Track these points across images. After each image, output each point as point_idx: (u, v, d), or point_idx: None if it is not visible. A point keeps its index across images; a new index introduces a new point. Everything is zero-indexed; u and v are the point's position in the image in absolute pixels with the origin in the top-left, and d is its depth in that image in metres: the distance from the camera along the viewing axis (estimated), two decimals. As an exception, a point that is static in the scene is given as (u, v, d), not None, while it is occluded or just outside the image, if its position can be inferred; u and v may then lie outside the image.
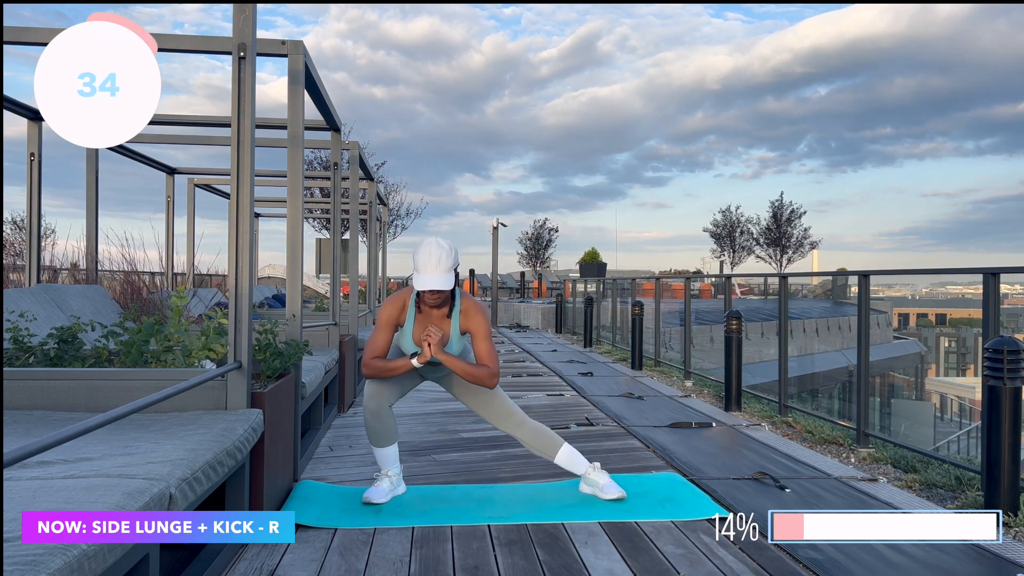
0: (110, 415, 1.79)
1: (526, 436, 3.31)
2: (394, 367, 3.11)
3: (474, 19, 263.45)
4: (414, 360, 3.09)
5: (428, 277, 3.02)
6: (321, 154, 22.02)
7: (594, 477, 3.32)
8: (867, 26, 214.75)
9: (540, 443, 3.32)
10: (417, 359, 3.09)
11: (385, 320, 3.16)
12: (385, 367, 3.12)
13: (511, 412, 3.30)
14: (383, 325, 3.16)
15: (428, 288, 3.02)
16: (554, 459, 3.33)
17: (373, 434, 3.26)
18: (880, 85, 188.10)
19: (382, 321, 3.16)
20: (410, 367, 3.11)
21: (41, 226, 5.20)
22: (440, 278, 3.02)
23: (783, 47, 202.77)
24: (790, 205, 35.61)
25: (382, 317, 3.17)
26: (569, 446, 3.36)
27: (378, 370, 3.12)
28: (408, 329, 3.18)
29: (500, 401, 3.30)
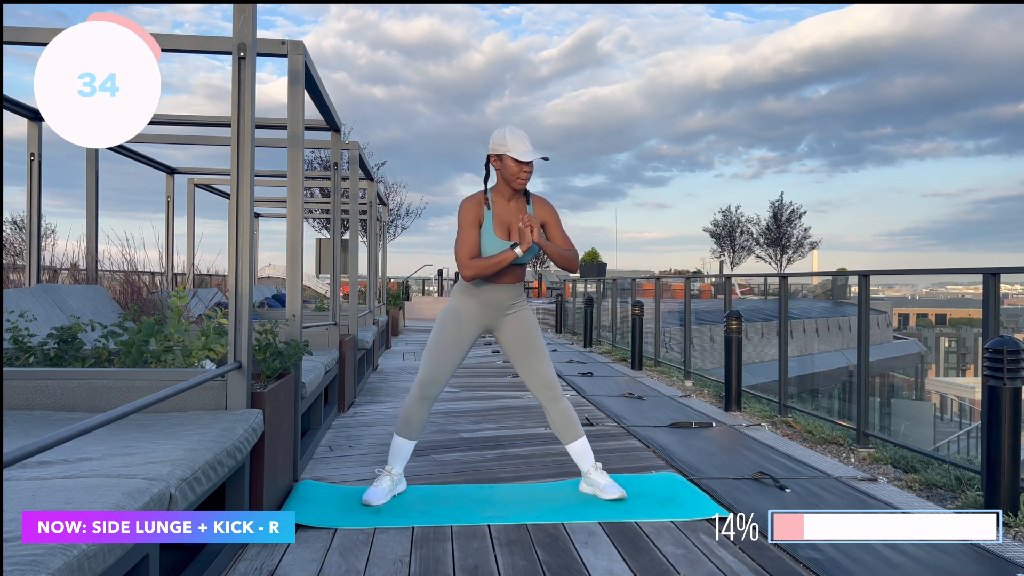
0: (110, 415, 1.79)
1: (556, 413, 3.34)
2: (497, 260, 3.10)
3: (474, 19, 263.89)
4: (517, 249, 3.09)
5: (527, 150, 3.09)
6: (321, 154, 22.03)
7: (594, 477, 3.32)
8: (868, 26, 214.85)
9: (565, 426, 3.35)
10: (520, 247, 3.09)
11: (470, 219, 3.16)
12: (488, 263, 3.11)
13: (553, 384, 3.34)
14: (468, 224, 3.15)
15: (536, 157, 3.09)
16: (570, 445, 3.36)
17: (406, 423, 3.29)
18: (881, 85, 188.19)
19: (467, 221, 3.16)
20: (514, 257, 3.10)
21: (41, 226, 5.20)
22: (534, 151, 3.10)
23: (784, 47, 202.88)
24: (790, 205, 35.68)
25: (466, 217, 3.16)
26: (586, 440, 3.38)
27: (482, 267, 3.11)
28: (488, 226, 3.18)
29: (547, 368, 3.35)
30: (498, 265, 3.11)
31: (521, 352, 3.34)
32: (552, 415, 3.35)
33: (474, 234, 3.16)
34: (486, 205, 3.19)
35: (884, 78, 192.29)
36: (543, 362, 3.34)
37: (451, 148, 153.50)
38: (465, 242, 3.14)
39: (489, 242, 3.17)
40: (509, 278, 3.24)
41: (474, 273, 3.12)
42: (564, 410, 3.35)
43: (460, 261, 3.14)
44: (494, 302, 3.28)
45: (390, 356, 10.08)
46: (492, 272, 3.13)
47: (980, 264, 3.95)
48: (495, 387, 7.04)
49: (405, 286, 24.96)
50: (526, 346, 3.33)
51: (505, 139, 3.11)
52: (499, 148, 3.13)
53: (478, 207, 3.19)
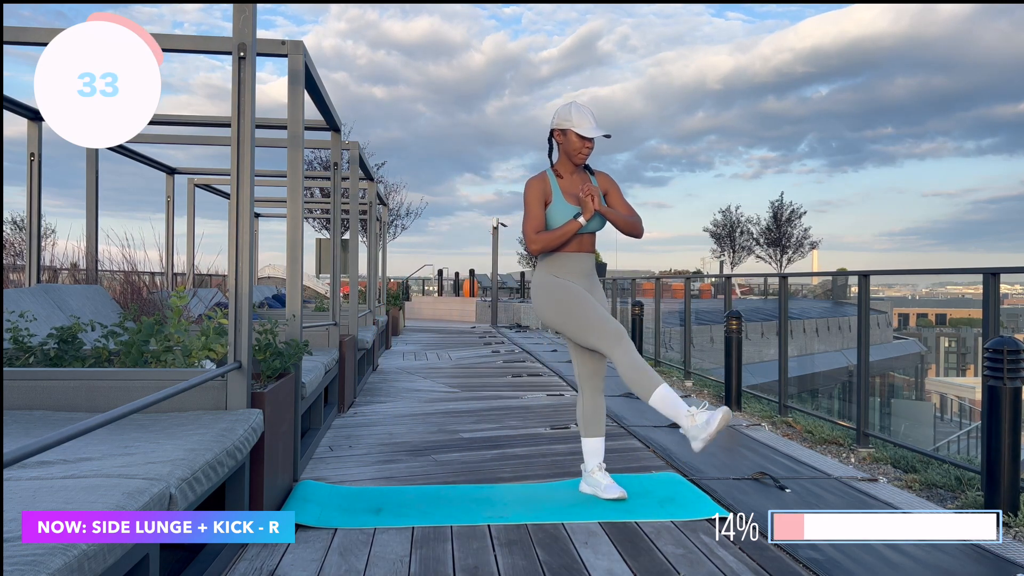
0: (110, 415, 1.79)
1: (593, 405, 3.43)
2: (562, 232, 3.17)
3: (475, 19, 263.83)
4: (580, 218, 3.16)
5: (591, 126, 3.17)
6: (321, 154, 22.01)
7: (597, 476, 3.33)
8: (868, 25, 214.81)
9: (594, 419, 3.41)
10: (583, 216, 3.16)
11: (536, 195, 3.22)
12: (553, 235, 3.17)
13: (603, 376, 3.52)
14: (535, 200, 3.22)
15: (601, 134, 3.16)
16: (590, 439, 3.39)
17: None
18: (881, 85, 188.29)
19: (534, 197, 3.22)
20: (578, 227, 3.17)
21: (41, 226, 5.19)
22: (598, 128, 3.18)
23: (784, 47, 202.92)
24: (790, 205, 35.65)
25: (532, 195, 3.22)
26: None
27: (549, 240, 3.17)
28: (558, 200, 3.23)
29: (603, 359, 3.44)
30: (564, 235, 3.18)
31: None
32: (588, 405, 3.42)
33: (540, 210, 3.22)
34: (553, 180, 3.27)
35: (885, 78, 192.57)
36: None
37: (451, 148, 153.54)
38: (532, 218, 3.21)
39: (561, 211, 3.23)
40: (586, 245, 3.30)
41: (541, 246, 3.19)
42: (601, 403, 3.45)
43: (527, 236, 3.21)
44: (580, 269, 3.31)
45: (390, 356, 10.08)
46: (559, 242, 3.19)
47: (980, 264, 3.95)
48: (495, 387, 7.04)
49: (405, 286, 24.95)
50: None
51: (571, 114, 3.19)
52: (564, 123, 3.21)
53: (543, 183, 3.26)
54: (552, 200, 3.24)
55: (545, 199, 3.24)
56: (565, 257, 3.26)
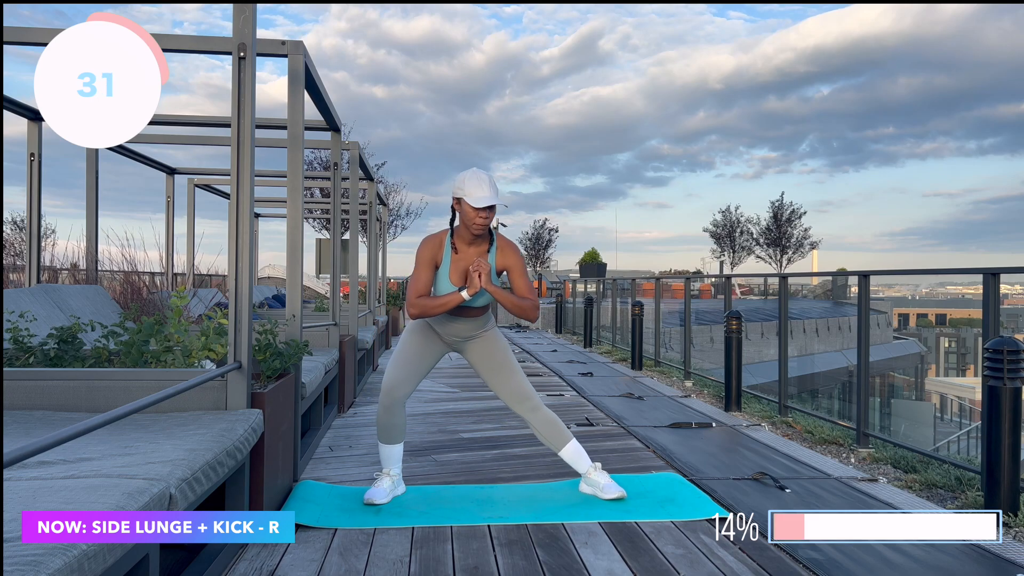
0: (110, 415, 1.79)
1: (538, 423, 3.34)
2: (443, 303, 3.11)
3: (475, 18, 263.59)
4: (464, 293, 3.10)
5: (484, 195, 3.05)
6: (321, 154, 22.03)
7: (595, 477, 3.32)
8: (871, 25, 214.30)
9: (550, 433, 3.35)
10: (467, 291, 3.09)
11: (425, 259, 3.17)
12: (433, 304, 3.11)
13: (528, 395, 3.33)
14: (423, 264, 3.17)
15: (488, 204, 3.04)
16: (560, 452, 3.36)
17: (383, 430, 3.28)
18: (883, 84, 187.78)
19: (423, 260, 3.17)
20: (460, 300, 3.10)
21: (41, 226, 5.20)
22: (494, 196, 3.08)
23: (786, 46, 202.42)
24: (790, 205, 35.65)
25: (422, 256, 3.17)
26: (576, 442, 3.38)
27: (426, 307, 3.12)
28: (445, 268, 3.18)
29: (519, 381, 3.33)
30: (443, 307, 3.12)
31: (491, 372, 3.34)
32: (536, 426, 3.35)
33: (426, 274, 3.17)
34: (448, 247, 3.19)
35: (887, 77, 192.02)
36: (515, 376, 3.33)
37: (452, 148, 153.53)
38: (416, 281, 3.17)
39: (443, 284, 3.19)
40: (466, 314, 3.26)
41: (418, 312, 3.14)
42: (546, 418, 3.35)
43: (408, 299, 3.17)
44: (453, 333, 3.31)
45: (390, 356, 10.07)
46: (437, 313, 3.14)
47: (980, 264, 3.95)
48: (495, 387, 7.03)
49: (405, 286, 24.94)
50: (495, 365, 3.33)
51: (464, 183, 3.08)
52: (458, 192, 3.10)
53: (436, 248, 3.19)
54: (440, 267, 3.19)
55: (435, 263, 3.18)
56: (446, 320, 3.26)
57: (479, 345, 3.34)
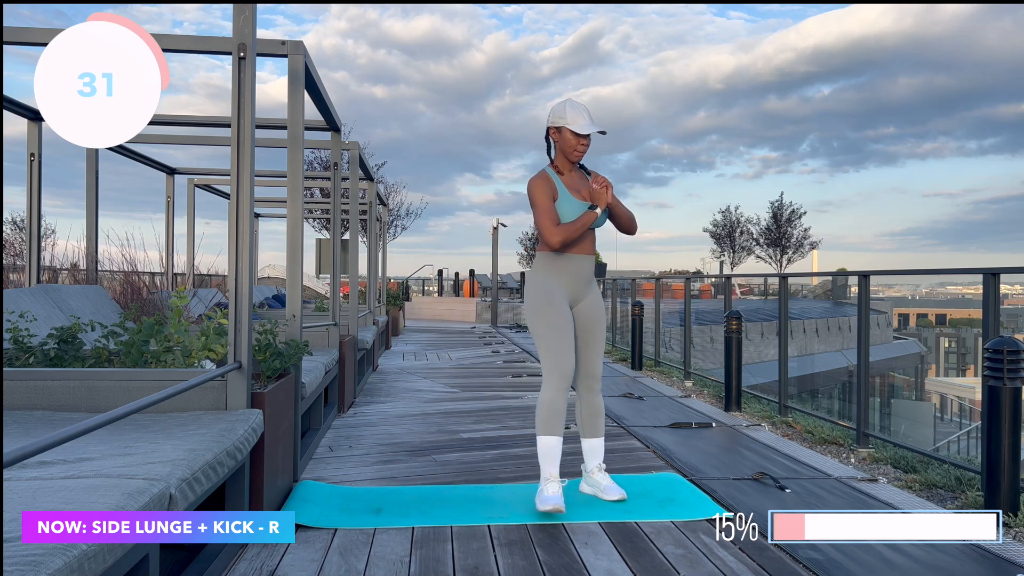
0: (110, 415, 1.79)
1: (590, 405, 3.37)
2: (580, 223, 3.17)
3: (475, 18, 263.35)
4: (597, 210, 3.19)
5: (587, 123, 3.17)
6: (321, 154, 22.02)
7: (597, 477, 3.33)
8: (871, 24, 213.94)
9: (593, 419, 3.37)
10: (598, 208, 3.19)
11: (545, 192, 3.22)
12: (573, 226, 3.17)
13: (598, 376, 3.39)
14: (546, 197, 3.21)
15: (596, 130, 3.16)
16: (589, 440, 3.38)
17: (554, 417, 3.18)
18: (884, 84, 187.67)
19: (543, 194, 3.21)
20: (595, 217, 3.19)
21: (41, 226, 5.20)
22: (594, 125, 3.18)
23: (786, 46, 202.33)
24: (790, 205, 35.67)
25: (541, 191, 3.21)
26: (603, 439, 3.42)
27: (568, 231, 3.16)
28: (564, 196, 3.23)
29: (599, 358, 3.39)
30: (583, 226, 3.18)
31: (587, 334, 3.35)
32: (585, 406, 3.37)
33: (551, 204, 3.22)
34: (555, 178, 3.26)
35: (887, 77, 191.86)
36: (599, 351, 3.38)
37: (452, 148, 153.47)
38: (546, 212, 3.19)
39: (569, 205, 3.22)
40: (588, 246, 3.30)
41: (562, 237, 3.16)
42: (598, 404, 3.38)
43: (546, 229, 3.17)
44: (580, 272, 3.30)
45: (390, 356, 10.08)
46: (579, 233, 3.19)
47: (980, 264, 3.95)
48: (495, 387, 7.04)
49: (405, 286, 24.95)
50: (594, 329, 3.36)
51: (565, 112, 3.18)
52: (559, 120, 3.20)
53: (547, 180, 3.25)
54: (559, 196, 3.23)
55: (552, 195, 3.23)
56: (566, 259, 3.25)
57: (594, 298, 3.37)
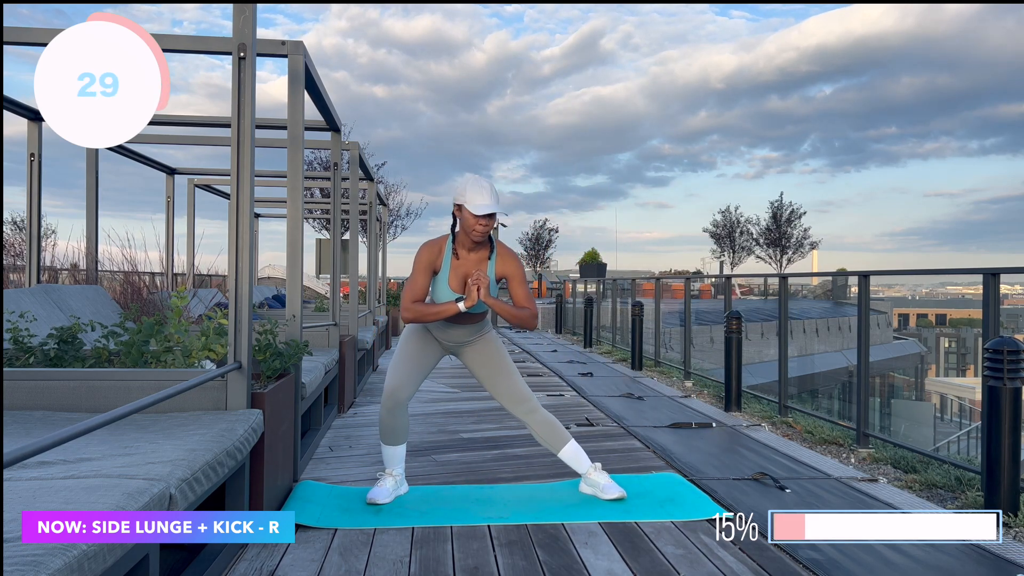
0: (110, 415, 1.79)
1: (536, 425, 3.33)
2: (438, 311, 3.09)
3: (476, 17, 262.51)
4: (460, 304, 3.07)
5: (484, 203, 3.01)
6: (321, 154, 22.03)
7: (595, 477, 3.32)
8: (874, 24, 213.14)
9: (548, 434, 3.34)
10: (464, 303, 3.07)
11: (423, 264, 3.14)
12: (428, 311, 3.09)
13: (526, 397, 3.32)
14: (421, 269, 3.14)
15: (489, 212, 3.00)
16: (559, 453, 3.35)
17: (387, 431, 3.26)
18: (886, 84, 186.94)
19: (420, 265, 3.14)
20: (455, 311, 3.08)
21: (41, 226, 5.20)
22: (495, 205, 3.03)
23: (788, 45, 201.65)
24: (790, 206, 35.70)
25: (420, 261, 3.14)
26: (575, 442, 3.38)
27: (421, 313, 3.09)
28: (444, 274, 3.16)
29: (517, 384, 3.33)
30: (438, 315, 3.10)
31: (488, 375, 3.34)
32: (534, 428, 3.34)
33: (424, 279, 3.14)
34: (448, 253, 3.16)
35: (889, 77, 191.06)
36: (512, 379, 3.33)
37: (452, 148, 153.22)
38: (412, 285, 3.13)
39: (442, 290, 3.16)
40: (464, 320, 3.24)
41: (412, 317, 3.11)
42: (544, 420, 3.34)
43: (403, 303, 3.14)
44: (450, 339, 3.31)
45: (390, 356, 10.07)
46: (431, 320, 3.13)
47: (981, 264, 3.95)
48: (495, 387, 7.03)
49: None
50: (492, 368, 3.33)
51: (465, 189, 3.06)
52: (459, 198, 3.07)
53: (436, 254, 3.16)
54: (439, 273, 3.16)
55: (433, 268, 3.16)
56: (442, 325, 3.25)
57: (475, 349, 3.34)
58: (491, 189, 3.07)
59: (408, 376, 3.25)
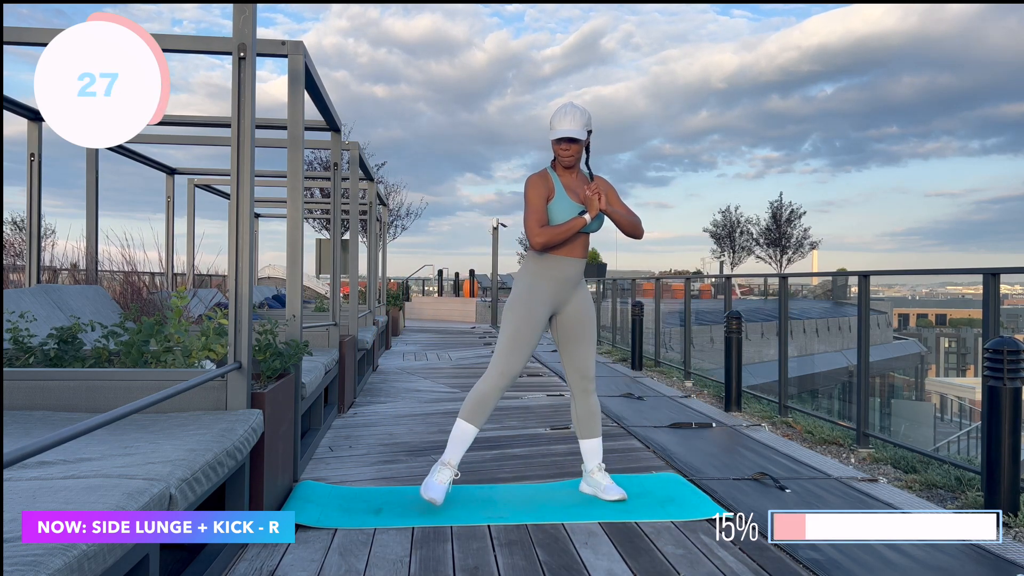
0: (110, 415, 1.79)
1: (586, 406, 3.36)
2: (567, 227, 3.15)
3: (477, 16, 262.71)
4: (586, 216, 3.15)
5: (564, 128, 3.13)
6: (321, 154, 22.02)
7: (597, 477, 3.33)
8: (875, 23, 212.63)
9: (589, 420, 3.36)
10: (588, 214, 3.14)
11: (538, 193, 3.19)
12: (558, 230, 3.14)
13: (592, 376, 3.36)
14: (538, 197, 3.19)
15: (564, 136, 3.12)
16: (584, 440, 3.37)
17: (480, 407, 3.18)
18: (887, 83, 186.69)
19: (536, 193, 3.19)
20: (583, 223, 3.15)
21: (41, 226, 5.20)
22: (575, 130, 3.13)
23: (790, 45, 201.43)
24: (789, 205, 35.70)
25: (534, 190, 3.19)
26: (601, 440, 3.40)
27: (554, 233, 3.13)
28: (559, 199, 3.20)
29: (591, 357, 3.36)
30: (568, 231, 3.15)
31: (576, 335, 3.33)
32: (580, 407, 3.36)
33: (542, 204, 3.19)
34: (555, 177, 3.24)
35: (891, 76, 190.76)
36: (590, 351, 3.36)
37: (452, 147, 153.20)
38: (535, 211, 3.17)
39: (564, 207, 3.20)
40: (578, 250, 3.27)
41: (545, 240, 3.14)
42: (593, 405, 3.37)
43: (530, 229, 3.16)
44: (566, 276, 3.27)
45: (390, 356, 10.08)
46: (562, 239, 3.16)
47: (981, 264, 3.95)
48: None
49: (405, 286, 24.94)
50: (583, 330, 3.34)
51: (552, 119, 3.19)
52: (550, 127, 3.20)
53: (545, 179, 3.23)
54: (554, 197, 3.21)
55: (548, 195, 3.21)
56: (555, 260, 3.23)
57: (581, 300, 3.34)
58: (574, 115, 3.15)
59: (526, 354, 3.21)
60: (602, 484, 3.30)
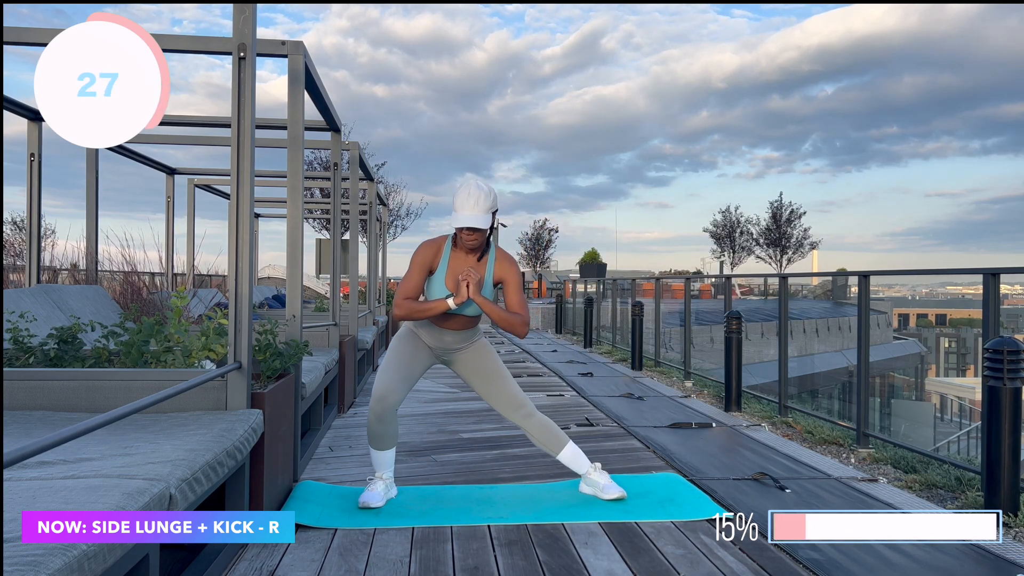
0: (110, 415, 1.79)
1: (533, 429, 3.31)
2: (428, 308, 3.08)
3: (477, 16, 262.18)
4: (450, 301, 3.06)
5: (466, 215, 3.01)
6: (321, 154, 22.04)
7: (595, 477, 3.32)
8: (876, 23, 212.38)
9: (546, 438, 3.32)
10: (453, 300, 3.05)
11: (419, 262, 3.13)
12: (419, 308, 3.09)
13: (521, 403, 3.30)
14: (416, 267, 3.13)
15: (466, 225, 3.00)
16: (558, 455, 3.34)
17: (375, 437, 3.22)
18: (888, 83, 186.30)
19: (416, 263, 3.13)
20: (445, 308, 3.07)
21: (41, 226, 5.20)
22: (478, 217, 3.01)
23: (790, 45, 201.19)
24: (789, 206, 35.71)
25: (416, 260, 3.14)
26: (574, 444, 3.36)
27: (412, 310, 3.09)
28: (441, 274, 3.14)
29: (511, 389, 3.30)
30: (429, 312, 3.09)
31: (482, 382, 3.31)
32: (531, 432, 3.32)
33: (418, 278, 3.14)
34: (446, 252, 3.15)
35: (891, 76, 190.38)
36: (506, 384, 3.30)
37: (452, 147, 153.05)
38: (406, 282, 3.14)
39: (436, 289, 3.15)
40: (455, 324, 3.21)
41: (404, 313, 3.11)
42: (541, 423, 3.32)
43: (395, 299, 3.13)
44: (440, 343, 3.27)
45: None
46: (422, 317, 3.12)
47: (981, 264, 3.95)
48: (495, 387, 7.03)
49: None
50: (485, 375, 3.30)
51: (455, 197, 3.06)
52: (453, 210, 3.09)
53: (434, 253, 3.15)
54: (435, 272, 3.15)
55: (431, 267, 3.15)
56: (432, 328, 3.23)
57: (466, 357, 3.31)
58: (478, 198, 3.02)
59: (397, 382, 3.19)
60: (600, 483, 3.30)
